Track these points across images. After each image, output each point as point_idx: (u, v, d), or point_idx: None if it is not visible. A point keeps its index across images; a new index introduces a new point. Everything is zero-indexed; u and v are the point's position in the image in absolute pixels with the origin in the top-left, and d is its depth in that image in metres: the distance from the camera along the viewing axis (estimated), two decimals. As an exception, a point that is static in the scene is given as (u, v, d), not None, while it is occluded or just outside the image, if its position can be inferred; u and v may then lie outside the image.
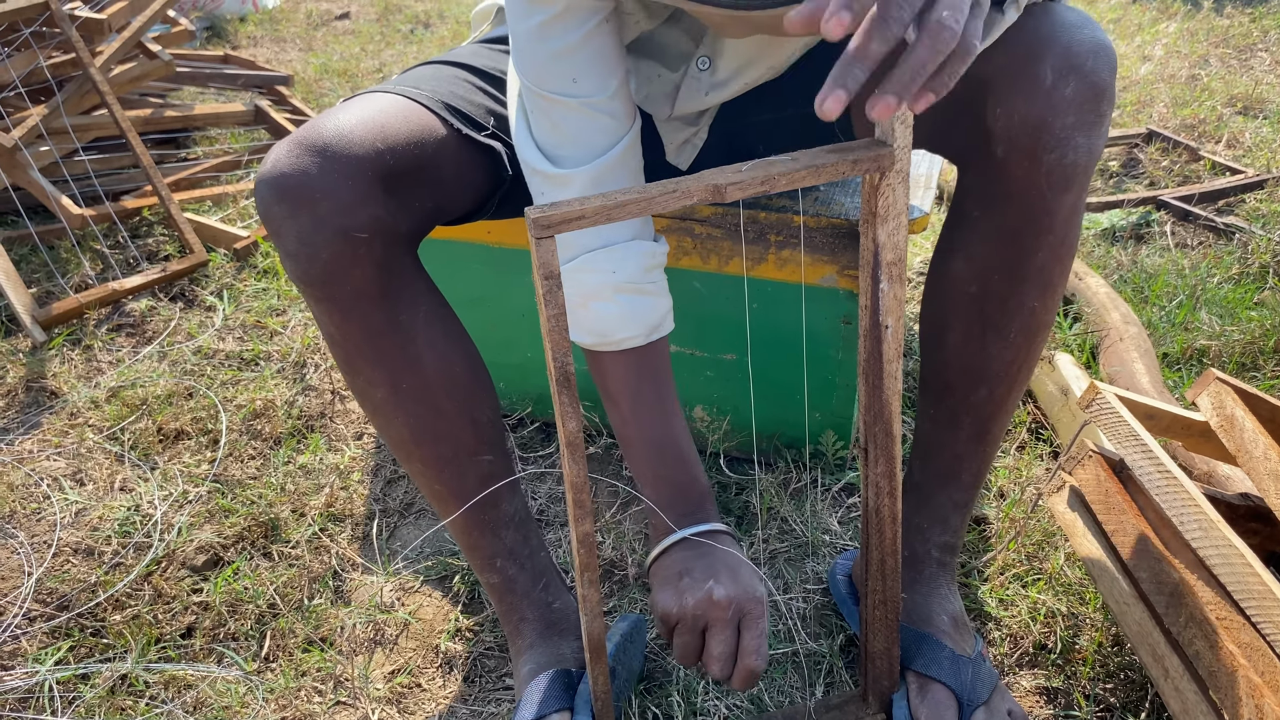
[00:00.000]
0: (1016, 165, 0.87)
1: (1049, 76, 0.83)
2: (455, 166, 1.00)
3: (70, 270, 2.00)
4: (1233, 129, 2.53)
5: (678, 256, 1.34)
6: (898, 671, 1.01)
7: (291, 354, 1.73)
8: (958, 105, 0.91)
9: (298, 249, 0.86)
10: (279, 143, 0.89)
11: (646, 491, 1.05)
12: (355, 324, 0.92)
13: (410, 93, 1.00)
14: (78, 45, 2.00)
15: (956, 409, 1.02)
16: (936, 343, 1.02)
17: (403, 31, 3.63)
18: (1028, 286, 0.94)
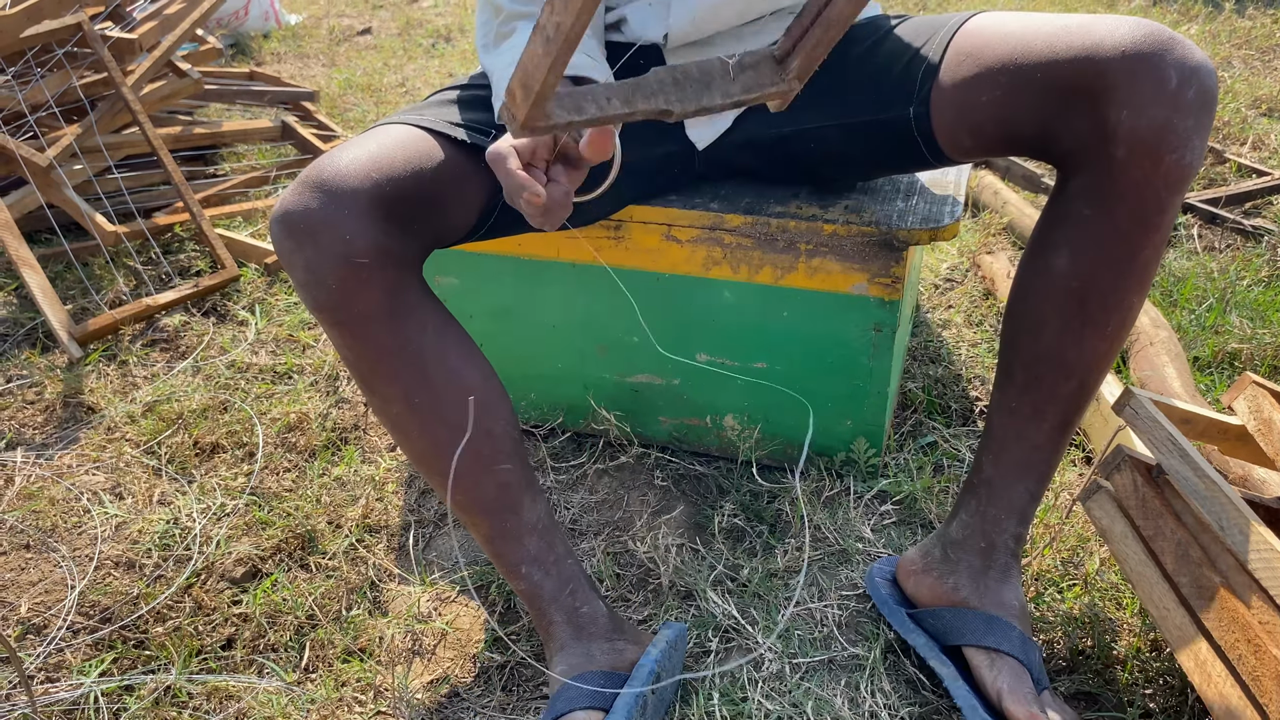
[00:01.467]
0: (1138, 165, 0.90)
1: (1174, 79, 0.88)
2: (456, 185, 1.05)
3: (105, 286, 2.03)
4: (1258, 131, 2.52)
5: (707, 266, 1.35)
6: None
7: (324, 367, 1.75)
8: (1070, 110, 0.94)
9: (307, 278, 0.93)
10: (290, 185, 0.95)
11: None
12: (367, 345, 0.98)
13: (411, 120, 1.07)
14: (110, 65, 2.03)
15: (1042, 402, 1.04)
16: (1030, 336, 1.04)
17: (424, 46, 3.66)
18: (1130, 282, 0.97)
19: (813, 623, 1.20)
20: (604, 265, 1.39)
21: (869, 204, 1.32)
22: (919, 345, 1.74)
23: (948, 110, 1.08)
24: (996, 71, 1.00)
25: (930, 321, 1.81)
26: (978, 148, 1.10)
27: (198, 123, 2.51)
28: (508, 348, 1.52)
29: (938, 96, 1.09)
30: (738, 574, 1.28)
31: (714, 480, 1.45)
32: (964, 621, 1.07)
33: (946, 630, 1.09)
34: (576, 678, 1.04)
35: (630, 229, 1.36)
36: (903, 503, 1.37)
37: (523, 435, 1.09)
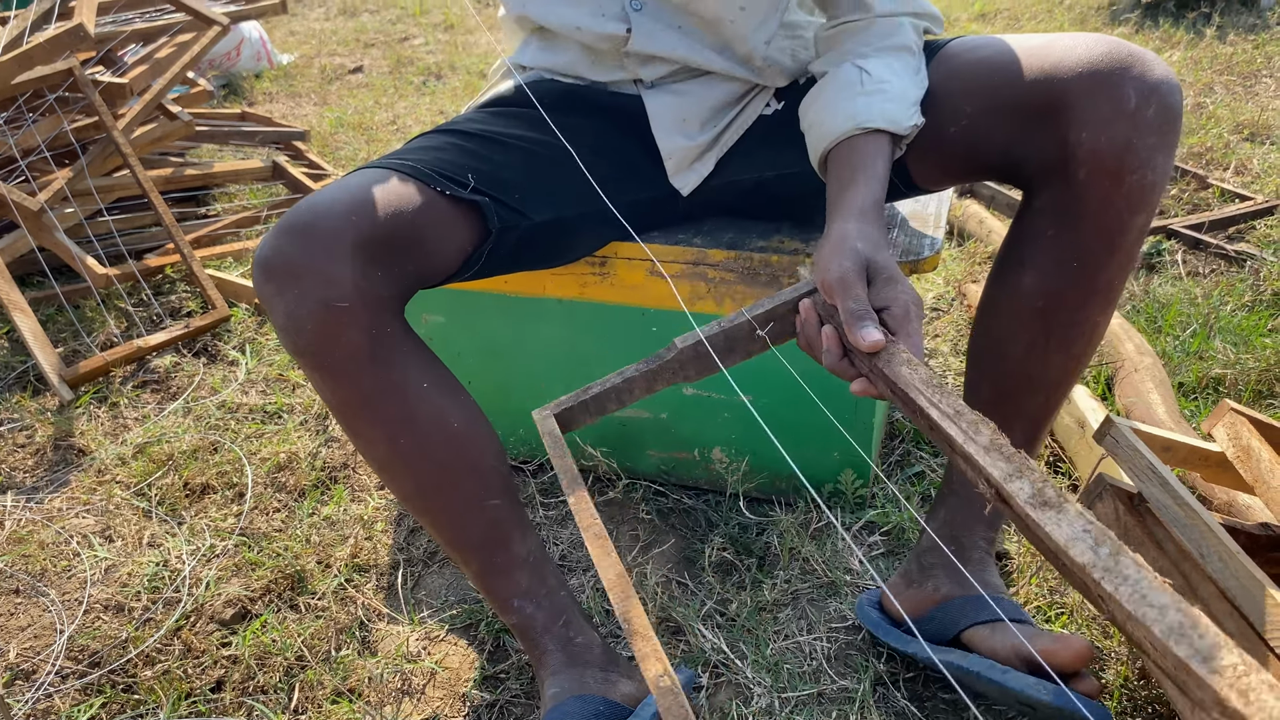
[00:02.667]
0: (1099, 185, 0.91)
1: (1133, 98, 0.88)
2: (438, 229, 1.04)
3: (96, 329, 2.04)
4: (1240, 156, 2.55)
5: (692, 301, 1.36)
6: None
7: (314, 406, 1.76)
8: (1033, 132, 0.96)
9: (286, 322, 0.93)
10: (269, 230, 0.96)
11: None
12: (348, 388, 0.97)
13: (393, 164, 1.06)
14: (101, 109, 2.05)
15: (1009, 416, 1.05)
16: (997, 354, 1.05)
17: (415, 84, 3.69)
18: (1095, 302, 0.98)
19: (802, 656, 1.20)
20: (591, 301, 1.40)
21: (851, 237, 1.33)
22: (906, 375, 1.74)
23: (917, 144, 1.09)
24: (961, 99, 1.02)
25: (917, 351, 1.82)
26: (947, 175, 1.11)
27: (189, 164, 2.53)
28: (496, 384, 1.53)
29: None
30: (727, 608, 1.28)
31: (703, 513, 1.46)
32: (954, 610, 1.08)
33: (941, 627, 1.09)
34: (569, 700, 1.03)
35: (615, 265, 1.37)
36: (890, 533, 1.38)
37: (511, 471, 1.10)
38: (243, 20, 2.58)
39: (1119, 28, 3.74)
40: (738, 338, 0.89)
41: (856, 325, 0.80)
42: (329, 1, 5.19)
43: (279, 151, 2.87)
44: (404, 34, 4.47)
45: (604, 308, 1.41)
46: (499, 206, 1.10)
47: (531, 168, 1.17)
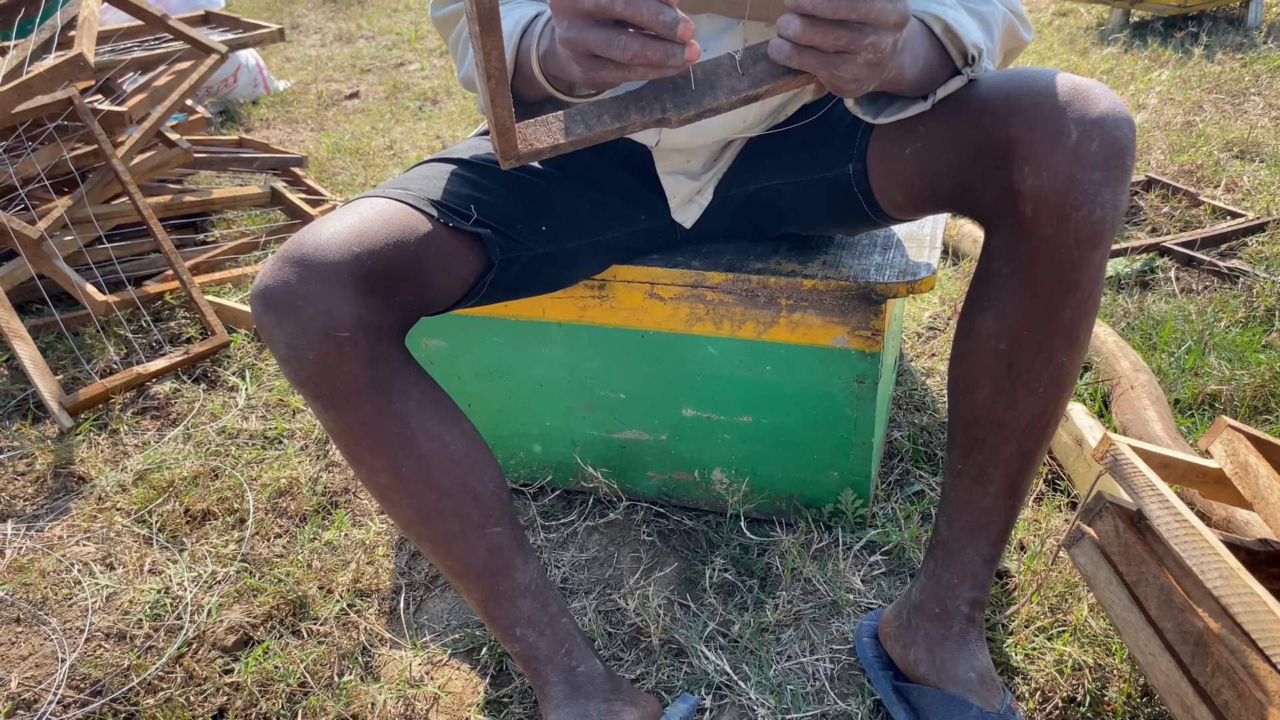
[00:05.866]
0: (1045, 223, 0.91)
1: (1074, 134, 0.88)
2: (439, 259, 1.04)
3: (95, 356, 2.04)
4: (1230, 173, 2.57)
5: (691, 323, 1.37)
6: None
7: (314, 431, 1.76)
8: (984, 166, 0.96)
9: (287, 353, 0.93)
10: (268, 259, 0.95)
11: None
12: (350, 417, 0.97)
13: (395, 194, 1.07)
14: (100, 138, 2.07)
15: (985, 463, 1.05)
16: (966, 398, 1.05)
17: (411, 109, 3.71)
18: (1056, 342, 0.97)
19: (805, 677, 1.20)
20: (590, 324, 1.41)
21: (847, 258, 1.34)
22: (904, 394, 1.75)
23: (879, 166, 1.11)
24: (919, 125, 1.03)
25: (914, 370, 1.83)
26: (910, 205, 1.12)
27: (188, 190, 2.54)
28: (496, 407, 1.53)
29: (872, 152, 1.12)
30: (729, 629, 1.28)
31: (704, 535, 1.46)
32: (926, 702, 1.08)
33: (917, 709, 1.10)
34: None
35: (614, 288, 1.38)
36: (891, 552, 1.38)
37: (511, 496, 1.10)
38: (240, 48, 2.60)
39: (1108, 47, 3.78)
40: (718, 73, 0.84)
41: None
42: (325, 28, 5.22)
43: (277, 177, 2.89)
44: (400, 59, 4.50)
45: (603, 330, 1.42)
46: (500, 238, 1.11)
47: (533, 198, 1.18)
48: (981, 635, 1.10)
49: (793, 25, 0.79)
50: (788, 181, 1.24)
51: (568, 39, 0.78)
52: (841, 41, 0.78)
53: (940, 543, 1.11)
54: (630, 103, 0.81)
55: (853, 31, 0.78)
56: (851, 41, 0.78)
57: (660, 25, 0.75)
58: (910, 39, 0.94)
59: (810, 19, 0.78)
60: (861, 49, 0.79)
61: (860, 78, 0.82)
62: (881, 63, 0.81)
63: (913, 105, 1.00)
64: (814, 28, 0.78)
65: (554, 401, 1.50)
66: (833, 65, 0.80)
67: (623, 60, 0.76)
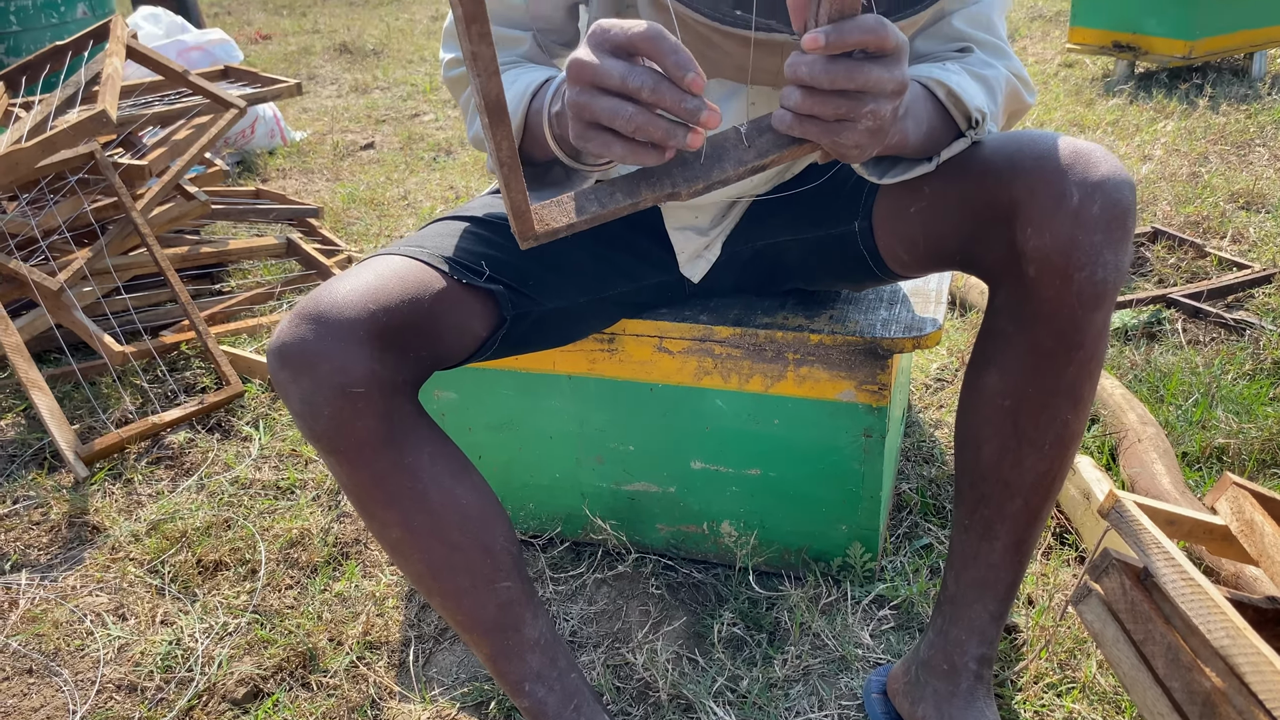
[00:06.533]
0: (1048, 284, 0.92)
1: (1075, 196, 0.90)
2: (452, 316, 1.06)
3: (111, 405, 2.07)
4: (1236, 224, 2.58)
5: (699, 376, 1.39)
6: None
7: (326, 482, 1.77)
8: (987, 227, 0.98)
9: (302, 408, 0.94)
10: (285, 316, 0.97)
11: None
12: (363, 472, 0.99)
13: (411, 251, 1.09)
14: (121, 192, 2.11)
15: (992, 520, 1.05)
16: (972, 455, 1.06)
17: (425, 159, 3.77)
18: (1060, 400, 0.98)
19: (813, 733, 1.20)
20: (600, 377, 1.43)
21: (853, 313, 1.36)
22: (911, 446, 1.76)
23: (884, 224, 1.13)
24: (923, 185, 1.05)
25: (923, 422, 1.84)
26: (915, 263, 1.14)
27: (205, 241, 2.58)
28: (506, 459, 1.55)
29: (878, 210, 1.14)
30: (738, 685, 1.28)
31: (712, 588, 1.46)
32: None
33: None
34: None
35: (623, 341, 1.40)
36: (900, 607, 1.38)
37: (521, 549, 1.11)
38: (259, 103, 2.65)
39: (1113, 98, 3.82)
40: (725, 146, 0.86)
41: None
42: (341, 79, 5.32)
43: (292, 228, 2.93)
44: (414, 110, 4.57)
45: (613, 383, 1.43)
46: (512, 293, 1.13)
47: (544, 254, 1.20)
48: (990, 692, 1.10)
49: (793, 96, 0.81)
50: (794, 238, 1.26)
51: (577, 103, 0.80)
52: (841, 110, 0.80)
53: (948, 598, 1.11)
54: (641, 179, 0.83)
55: (852, 100, 0.80)
56: (851, 110, 0.80)
57: (683, 111, 0.76)
58: (913, 103, 0.96)
59: (810, 89, 0.80)
60: (861, 117, 0.81)
61: (862, 144, 0.84)
62: (882, 129, 0.83)
63: (917, 166, 1.02)
64: (813, 98, 0.80)
65: (563, 453, 1.51)
66: (834, 133, 0.82)
67: (625, 132, 0.78)
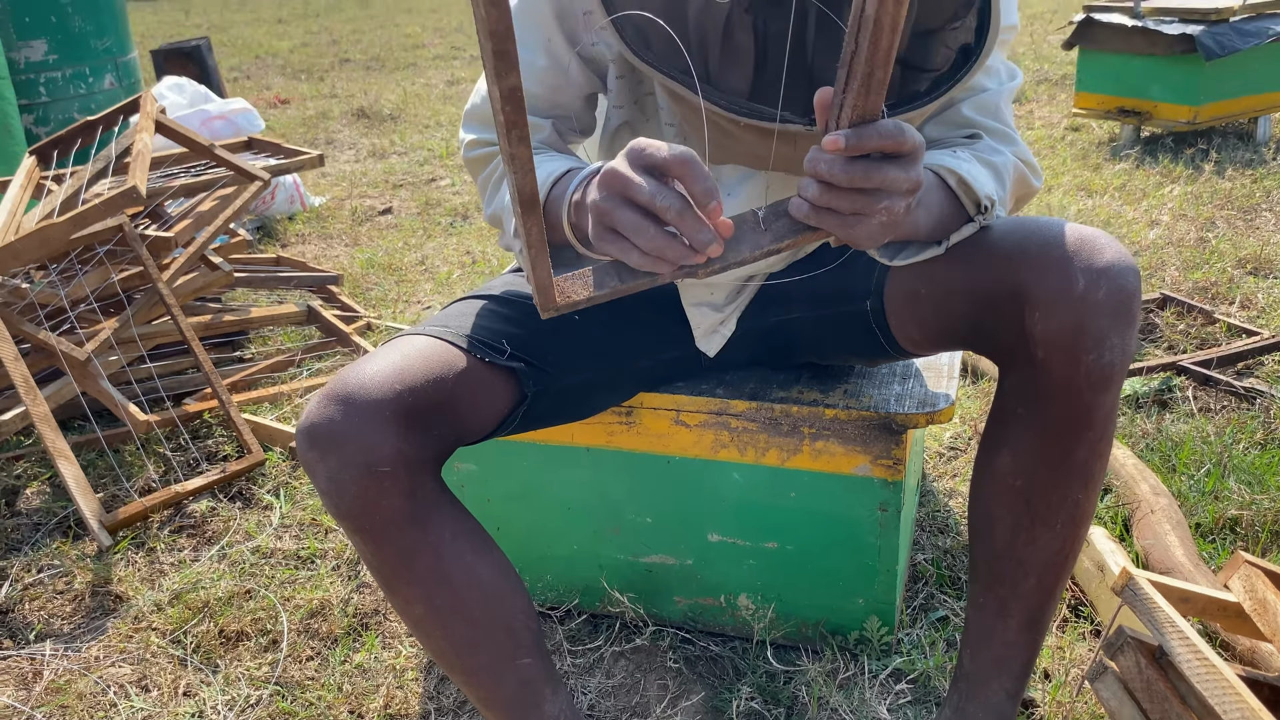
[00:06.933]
0: (1057, 367, 0.95)
1: (1081, 282, 0.93)
2: (475, 393, 1.10)
3: (135, 473, 2.10)
4: (1245, 290, 2.61)
5: (716, 449, 1.41)
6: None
7: (346, 551, 1.79)
8: (997, 310, 1.01)
9: (329, 487, 0.97)
10: (313, 396, 1.02)
11: None
12: (388, 549, 1.01)
13: (435, 331, 1.13)
14: (148, 264, 2.16)
15: (1007, 598, 1.07)
16: (986, 533, 1.08)
17: (443, 224, 3.83)
18: (1072, 480, 1.01)
19: (832, 810, 1.20)
20: (617, 449, 1.45)
21: (867, 387, 1.39)
22: (926, 515, 1.77)
23: (896, 304, 1.16)
24: (933, 268, 1.08)
25: (936, 491, 1.85)
26: (926, 341, 1.17)
27: (227, 309, 2.63)
28: (524, 530, 1.57)
29: (889, 291, 1.18)
30: (756, 759, 1.28)
31: (730, 661, 1.47)
32: None
33: None
34: None
35: (641, 414, 1.43)
36: (917, 681, 1.39)
37: (541, 624, 1.13)
38: (282, 174, 2.72)
39: (1120, 163, 3.87)
40: (743, 229, 0.89)
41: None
42: (359, 144, 5.42)
43: (313, 295, 2.98)
44: (431, 175, 4.65)
45: (630, 455, 1.46)
46: (533, 370, 1.17)
47: (563, 332, 1.23)
48: None
49: (811, 189, 0.85)
50: (807, 315, 1.29)
51: (602, 208, 0.84)
52: (857, 206, 0.84)
53: (964, 675, 1.12)
54: None
55: (868, 197, 0.84)
56: (867, 206, 0.84)
57: (696, 242, 0.81)
58: (925, 192, 1.00)
59: (828, 185, 0.84)
60: (876, 213, 0.84)
61: (875, 236, 0.87)
62: (895, 223, 0.87)
63: (927, 250, 1.06)
64: (831, 193, 0.84)
65: (581, 525, 1.53)
66: (849, 226, 0.85)
67: (643, 248, 0.82)
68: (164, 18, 12.46)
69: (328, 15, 12.10)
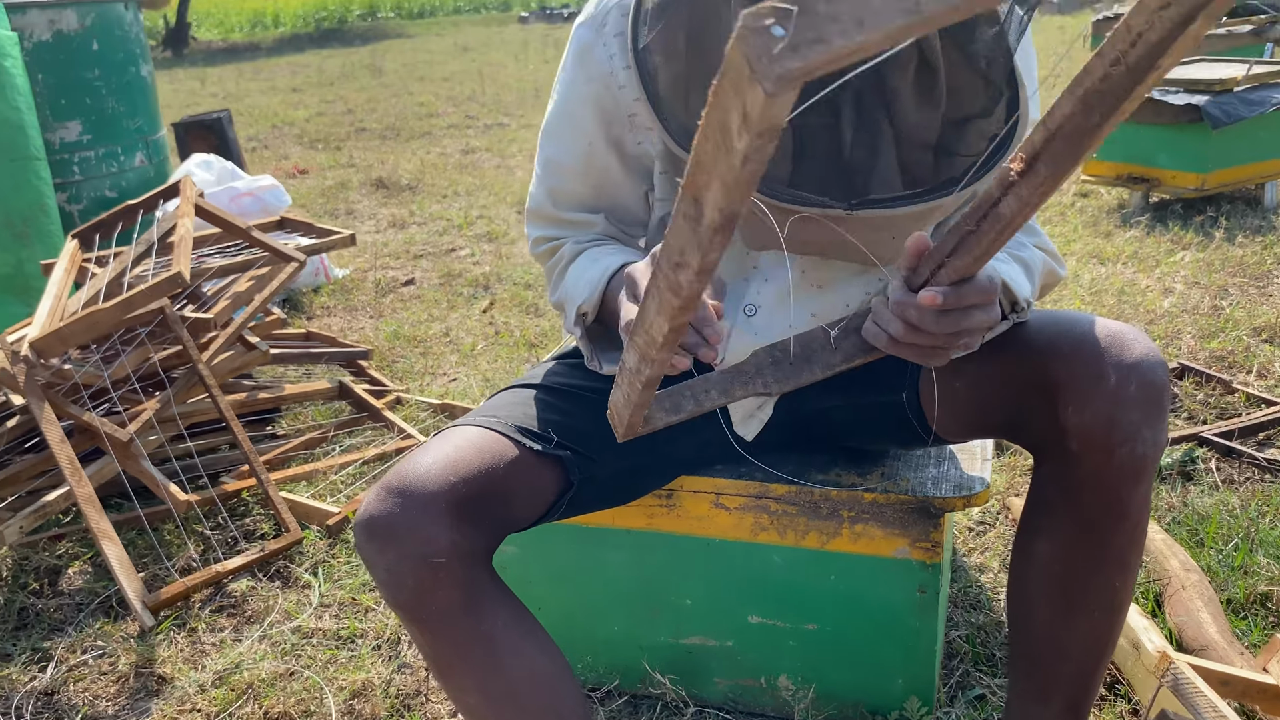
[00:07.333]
0: (1091, 459, 0.99)
1: (1113, 377, 0.97)
2: (524, 482, 1.14)
3: (175, 552, 2.13)
4: (1261, 359, 2.65)
5: (755, 532, 1.45)
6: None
7: (386, 631, 1.82)
8: (1030, 402, 1.05)
9: (387, 578, 1.01)
10: (371, 489, 1.06)
11: None
12: (443, 640, 1.05)
13: (485, 422, 1.18)
14: (188, 345, 2.22)
15: (1046, 684, 1.10)
16: (1024, 620, 1.11)
17: (465, 295, 3.90)
18: (1109, 567, 1.04)
19: None
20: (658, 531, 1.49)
21: (904, 470, 1.42)
22: (958, 591, 1.80)
23: (930, 395, 1.21)
24: (967, 362, 1.13)
25: (967, 566, 1.88)
26: (961, 431, 1.22)
27: (261, 387, 2.69)
28: (565, 611, 1.59)
29: (924, 383, 1.22)
30: (803, 844, 1.30)
31: (772, 742, 1.49)
32: None
33: None
34: None
35: (681, 497, 1.46)
36: (959, 762, 1.40)
37: (589, 708, 1.15)
38: (315, 254, 2.79)
39: (1130, 230, 3.93)
40: (814, 347, 0.93)
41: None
42: (379, 214, 5.52)
43: (343, 369, 3.04)
44: (451, 245, 4.74)
45: (671, 538, 1.49)
46: (578, 458, 1.21)
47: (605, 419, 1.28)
48: None
49: (895, 327, 0.90)
50: (843, 404, 1.34)
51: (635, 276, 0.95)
52: (939, 343, 0.90)
53: None
54: (735, 379, 0.93)
55: (950, 337, 0.89)
56: (948, 343, 0.90)
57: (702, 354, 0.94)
58: None
59: (915, 328, 0.89)
60: (955, 348, 0.90)
61: (945, 361, 0.93)
62: (968, 349, 0.93)
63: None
64: (916, 335, 0.89)
65: (622, 606, 1.56)
66: (926, 357, 0.91)
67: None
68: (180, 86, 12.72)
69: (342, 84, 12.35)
